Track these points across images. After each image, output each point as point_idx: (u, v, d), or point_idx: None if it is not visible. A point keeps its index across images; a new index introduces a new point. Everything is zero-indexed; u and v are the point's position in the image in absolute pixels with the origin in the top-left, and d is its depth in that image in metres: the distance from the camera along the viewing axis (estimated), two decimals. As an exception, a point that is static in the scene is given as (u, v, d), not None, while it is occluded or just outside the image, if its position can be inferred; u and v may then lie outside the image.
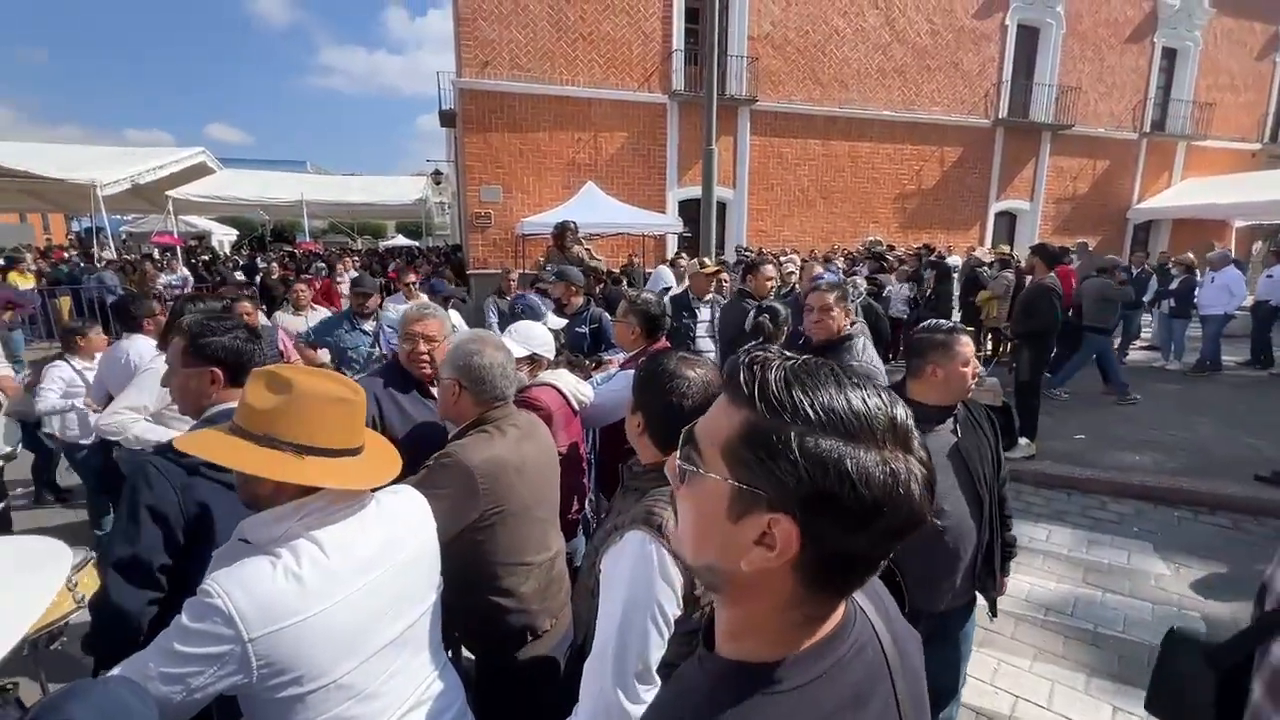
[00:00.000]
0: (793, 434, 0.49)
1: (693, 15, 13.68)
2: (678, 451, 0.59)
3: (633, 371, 2.51)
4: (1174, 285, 8.33)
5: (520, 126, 12.70)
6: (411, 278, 5.71)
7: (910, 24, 15.03)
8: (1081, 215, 17.49)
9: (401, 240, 31.87)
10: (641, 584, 1.14)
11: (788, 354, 0.55)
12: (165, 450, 1.36)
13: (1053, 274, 5.88)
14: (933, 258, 9.06)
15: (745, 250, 11.04)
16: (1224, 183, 16.81)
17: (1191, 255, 8.79)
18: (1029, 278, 6.45)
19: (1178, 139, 17.90)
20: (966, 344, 1.87)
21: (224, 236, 28.55)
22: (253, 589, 0.92)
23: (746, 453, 0.52)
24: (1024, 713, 2.55)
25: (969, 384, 1.88)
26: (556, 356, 2.43)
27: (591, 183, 12.18)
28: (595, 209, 10.71)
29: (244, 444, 1.01)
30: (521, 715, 1.58)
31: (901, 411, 0.53)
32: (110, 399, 3.24)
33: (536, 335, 2.28)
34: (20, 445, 3.13)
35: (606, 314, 3.82)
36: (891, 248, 11.53)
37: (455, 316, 4.32)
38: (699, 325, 4.43)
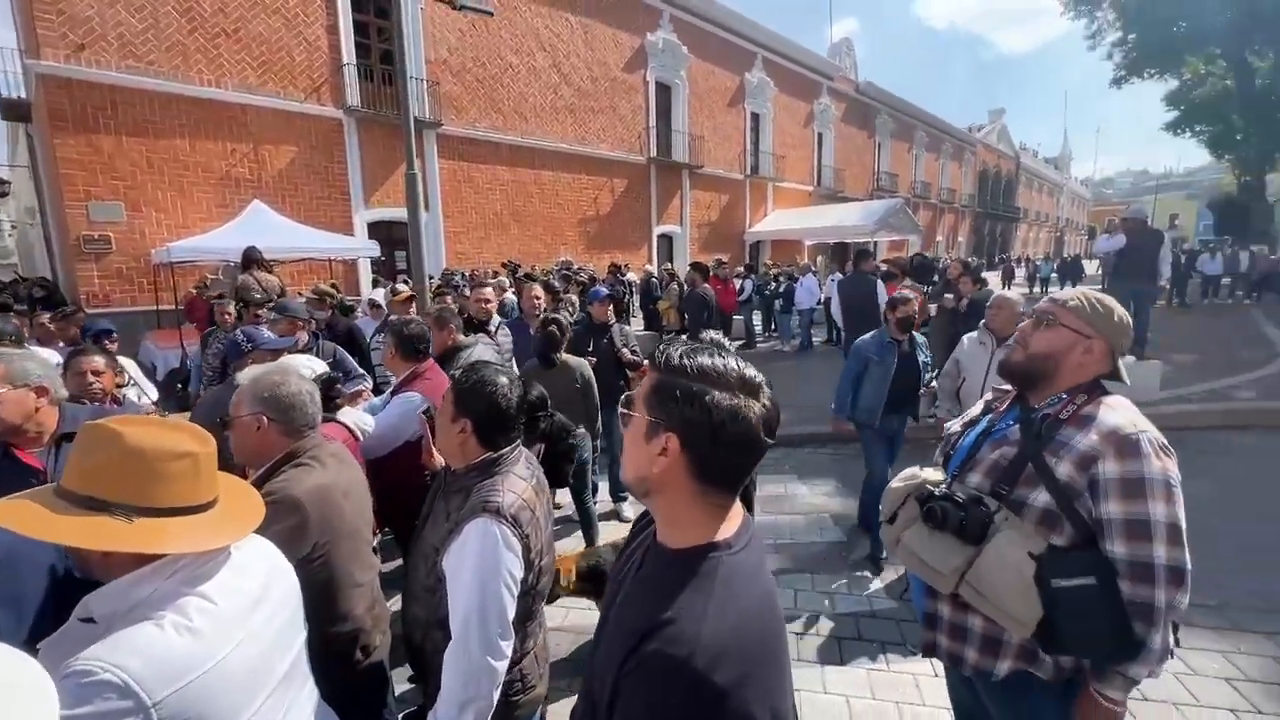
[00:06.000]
0: (676, 384, 0.83)
1: (361, 29, 13.05)
2: (625, 405, 0.91)
3: (411, 394, 2.57)
4: (782, 288, 11.35)
5: (147, 130, 10.29)
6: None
7: (574, 69, 16.93)
8: (717, 237, 22.10)
9: (-75, 272, 21.84)
10: (490, 558, 1.33)
11: (690, 340, 0.91)
12: None
13: (706, 284, 7.56)
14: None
15: (451, 273, 11.00)
16: (799, 214, 23.31)
17: (800, 264, 12.05)
18: (688, 287, 8.11)
19: (768, 180, 24.03)
20: None
21: None
22: (147, 652, 0.87)
23: (654, 398, 0.85)
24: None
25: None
26: (333, 390, 2.33)
27: (259, 201, 10.61)
28: (270, 232, 9.38)
29: (65, 510, 0.92)
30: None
31: (751, 372, 0.85)
32: None
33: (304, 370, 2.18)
34: None
35: (340, 348, 3.59)
36: (581, 269, 12.81)
37: (129, 364, 3.51)
38: None
